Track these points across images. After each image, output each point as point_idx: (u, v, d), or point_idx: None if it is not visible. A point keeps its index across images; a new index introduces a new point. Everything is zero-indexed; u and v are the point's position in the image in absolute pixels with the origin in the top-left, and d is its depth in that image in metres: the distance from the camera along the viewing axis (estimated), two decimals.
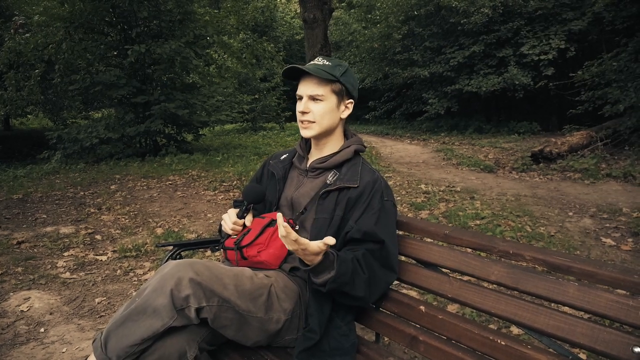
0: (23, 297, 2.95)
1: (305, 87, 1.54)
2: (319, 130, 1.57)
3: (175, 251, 1.98)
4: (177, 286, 1.26)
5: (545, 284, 1.21)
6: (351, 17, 19.98)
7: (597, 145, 7.87)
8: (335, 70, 1.53)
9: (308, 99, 1.54)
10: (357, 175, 1.55)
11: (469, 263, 1.40)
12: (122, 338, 1.24)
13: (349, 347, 1.47)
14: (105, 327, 1.30)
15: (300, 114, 1.56)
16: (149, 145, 10.22)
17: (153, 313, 1.24)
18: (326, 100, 1.54)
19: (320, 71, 1.50)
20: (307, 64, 1.55)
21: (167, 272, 1.29)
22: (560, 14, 12.25)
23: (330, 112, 1.56)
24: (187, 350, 1.30)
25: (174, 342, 1.28)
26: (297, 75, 1.58)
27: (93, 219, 4.98)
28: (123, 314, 1.27)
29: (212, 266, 1.36)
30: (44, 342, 2.44)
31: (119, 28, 9.98)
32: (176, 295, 1.25)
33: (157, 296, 1.26)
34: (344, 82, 1.55)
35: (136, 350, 1.24)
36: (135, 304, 1.27)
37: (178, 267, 1.30)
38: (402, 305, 1.52)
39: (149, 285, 1.29)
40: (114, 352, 1.24)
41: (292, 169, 1.72)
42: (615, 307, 1.09)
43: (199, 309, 1.28)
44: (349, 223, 1.49)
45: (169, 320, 1.25)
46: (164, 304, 1.25)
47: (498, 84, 12.46)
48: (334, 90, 1.54)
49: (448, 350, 1.37)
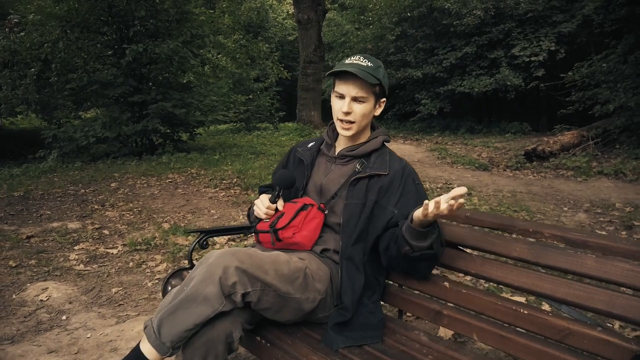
0: (40, 287, 3.01)
1: (349, 88, 1.59)
2: (357, 130, 1.66)
3: (202, 237, 2.07)
4: (224, 274, 1.35)
5: (565, 258, 1.33)
6: (344, 18, 20.14)
7: (588, 144, 8.07)
8: (378, 72, 1.61)
9: (351, 99, 1.61)
10: (386, 164, 1.66)
11: (491, 241, 1.51)
12: (175, 325, 1.33)
13: (377, 323, 1.57)
14: (155, 315, 1.38)
15: (342, 114, 1.62)
16: (145, 145, 10.24)
17: (204, 300, 1.33)
18: (367, 102, 1.63)
19: (368, 75, 1.56)
20: (351, 64, 1.59)
21: (213, 262, 1.38)
22: (551, 17, 12.50)
23: (369, 113, 1.66)
24: (232, 331, 1.39)
25: (221, 325, 1.37)
26: (337, 73, 1.62)
27: (98, 215, 5.03)
28: (173, 302, 1.36)
29: (252, 253, 1.45)
30: (67, 328, 2.51)
31: (115, 27, 10.00)
32: (224, 283, 1.34)
33: (206, 285, 1.34)
34: (383, 83, 1.63)
35: (188, 335, 1.34)
36: (184, 293, 1.36)
37: (223, 257, 1.38)
38: (426, 283, 1.63)
39: (196, 275, 1.38)
40: (167, 338, 1.33)
41: (319, 155, 1.81)
42: (630, 275, 1.21)
43: (245, 294, 1.37)
44: (388, 209, 1.60)
45: (219, 307, 1.34)
46: (213, 292, 1.34)
47: (490, 85, 12.67)
48: (375, 92, 1.64)
49: (472, 322, 1.48)
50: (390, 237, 1.56)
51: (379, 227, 1.60)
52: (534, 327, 1.34)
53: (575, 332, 1.26)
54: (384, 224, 1.60)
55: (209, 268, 1.35)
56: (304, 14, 14.34)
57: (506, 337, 1.39)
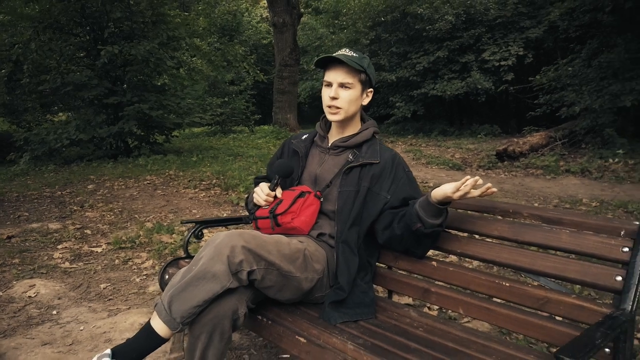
0: (27, 284, 3.01)
1: (336, 75, 1.72)
2: (344, 115, 1.77)
3: (198, 227, 2.15)
4: (232, 253, 1.43)
5: (542, 234, 1.47)
6: (318, 22, 20.31)
7: (556, 145, 8.41)
8: (363, 61, 1.72)
9: (338, 85, 1.72)
10: (377, 153, 1.77)
11: (474, 222, 1.64)
12: (185, 301, 1.41)
13: (369, 301, 1.68)
14: (164, 294, 1.46)
15: (329, 99, 1.73)
16: (120, 147, 10.14)
17: (212, 278, 1.41)
18: (354, 89, 1.73)
19: (352, 62, 1.68)
20: (338, 53, 1.72)
21: (221, 242, 1.46)
22: (518, 22, 12.94)
23: (356, 100, 1.76)
24: (238, 307, 1.47)
25: (228, 302, 1.45)
26: (325, 64, 1.76)
27: (78, 215, 5.00)
28: (183, 281, 1.44)
29: (256, 235, 1.54)
30: (59, 322, 2.54)
31: (89, 29, 9.89)
32: (232, 261, 1.43)
33: (214, 263, 1.43)
34: (369, 73, 1.75)
35: (197, 311, 1.42)
36: (193, 272, 1.44)
37: (230, 237, 1.47)
38: (415, 263, 1.75)
39: (204, 255, 1.46)
40: (178, 314, 1.41)
41: (313, 147, 1.92)
42: (600, 247, 1.35)
43: (250, 271, 1.46)
44: (381, 194, 1.71)
45: (227, 283, 1.42)
46: (221, 270, 1.42)
47: (461, 88, 13.01)
48: (361, 80, 1.74)
49: (458, 297, 1.60)
50: (393, 216, 1.67)
51: (373, 212, 1.71)
52: (515, 297, 1.47)
53: (552, 300, 1.39)
54: (378, 209, 1.71)
55: (217, 247, 1.44)
56: (279, 18, 14.43)
57: (490, 309, 1.52)
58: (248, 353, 2.21)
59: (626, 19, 8.72)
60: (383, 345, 1.39)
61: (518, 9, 12.93)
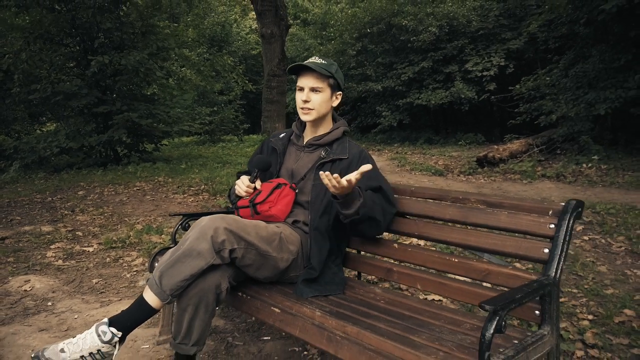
0: (23, 280, 3.17)
1: (307, 80, 1.94)
2: (316, 115, 1.99)
3: (185, 220, 2.34)
4: (215, 233, 1.63)
5: (485, 216, 1.69)
6: (306, 33, 20.64)
7: (534, 151, 8.70)
8: (331, 67, 1.95)
9: (309, 90, 1.95)
10: (346, 150, 1.99)
11: (429, 208, 1.86)
12: (173, 276, 1.60)
13: (338, 281, 1.89)
14: (155, 270, 1.65)
15: (302, 102, 1.96)
16: (109, 156, 10.28)
17: (197, 255, 1.61)
18: (323, 92, 1.96)
19: (321, 68, 1.91)
20: (308, 62, 1.95)
21: (205, 224, 1.66)
22: (500, 34, 13.34)
23: (325, 102, 1.98)
24: (221, 282, 1.67)
25: (212, 278, 1.65)
26: (297, 71, 1.98)
27: (69, 219, 5.14)
28: (171, 258, 1.63)
29: (237, 219, 1.74)
30: (54, 312, 2.70)
31: (79, 39, 10.06)
32: (215, 240, 1.63)
33: (199, 242, 1.62)
34: (337, 77, 1.98)
35: (184, 285, 1.61)
36: (181, 250, 1.63)
37: (214, 220, 1.67)
38: (379, 246, 1.96)
39: (190, 236, 1.66)
40: (167, 287, 1.60)
41: (290, 145, 2.13)
42: (532, 225, 1.57)
43: (232, 250, 1.66)
44: None
45: (211, 260, 1.62)
46: (206, 248, 1.62)
47: (446, 98, 13.34)
48: (330, 84, 1.97)
49: (415, 274, 1.82)
50: None
51: None
52: (462, 271, 1.68)
53: (493, 272, 1.61)
54: None
55: (202, 229, 1.63)
56: (267, 29, 14.70)
57: (443, 283, 1.73)
58: (232, 336, 2.40)
59: (600, 31, 9.10)
60: (347, 312, 1.59)
61: (499, 21, 13.35)
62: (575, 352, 2.15)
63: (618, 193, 5.92)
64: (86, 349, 1.54)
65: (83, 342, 1.55)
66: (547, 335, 1.43)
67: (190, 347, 1.68)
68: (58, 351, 1.52)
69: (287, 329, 1.58)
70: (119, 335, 1.59)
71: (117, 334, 1.58)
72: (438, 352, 1.29)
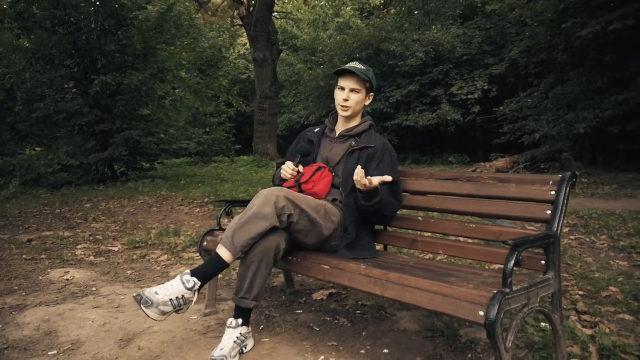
0: (62, 271, 3.42)
1: (348, 82, 2.30)
2: (352, 112, 2.35)
3: (228, 206, 2.66)
4: (277, 200, 1.97)
5: (497, 188, 2.04)
6: (296, 58, 21.25)
7: (519, 167, 9.20)
8: (368, 73, 2.31)
9: (349, 90, 2.31)
10: (373, 140, 2.35)
11: (447, 186, 2.21)
12: (243, 234, 1.92)
13: (372, 249, 2.23)
14: (227, 231, 1.97)
15: (342, 100, 2.31)
16: (107, 173, 10.49)
17: (263, 217, 1.94)
18: (360, 93, 2.32)
19: (361, 73, 2.27)
20: (350, 66, 2.29)
21: (268, 193, 1.99)
22: (483, 60, 14.05)
23: (361, 101, 2.35)
24: (279, 243, 2.00)
25: (272, 239, 1.98)
26: (340, 73, 2.33)
27: (84, 226, 5.37)
28: (240, 221, 1.96)
29: (291, 191, 2.08)
30: (100, 294, 2.96)
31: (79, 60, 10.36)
32: (277, 205, 1.96)
33: (264, 207, 1.95)
34: (372, 82, 2.34)
35: (252, 242, 1.93)
36: (248, 214, 1.96)
37: (274, 190, 2.01)
38: (404, 219, 2.30)
39: (256, 203, 1.98)
40: (238, 243, 1.92)
41: (323, 137, 2.48)
42: (536, 192, 1.93)
43: (290, 215, 1.99)
44: (369, 170, 2.25)
45: (274, 221, 1.95)
46: (270, 211, 1.95)
47: (432, 120, 13.91)
48: (366, 87, 2.34)
49: (437, 241, 2.16)
50: None
51: None
52: (479, 234, 2.03)
53: (505, 232, 1.95)
54: None
55: (266, 196, 1.97)
56: (259, 53, 15.23)
57: (461, 246, 2.08)
58: (268, 310, 2.69)
59: (577, 56, 9.75)
60: (386, 266, 1.92)
61: (482, 47, 14.08)
62: (570, 316, 2.49)
63: (598, 202, 6.37)
64: (174, 293, 1.84)
65: (171, 287, 1.85)
66: (551, 279, 1.77)
67: (250, 301, 1.99)
68: (153, 293, 1.82)
69: (337, 280, 1.90)
70: (199, 284, 1.89)
71: (197, 282, 1.89)
72: (468, 285, 1.62)
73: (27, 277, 3.33)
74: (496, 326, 1.42)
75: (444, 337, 2.22)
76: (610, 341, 2.06)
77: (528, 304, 1.60)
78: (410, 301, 1.65)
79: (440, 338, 2.22)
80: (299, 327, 2.42)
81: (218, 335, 2.28)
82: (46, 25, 9.75)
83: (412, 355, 2.07)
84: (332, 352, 2.11)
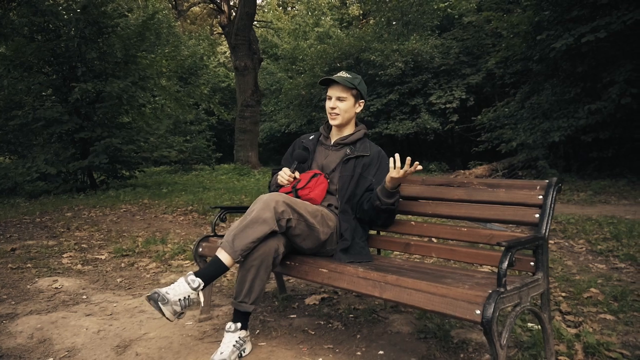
0: (50, 280, 3.38)
1: (334, 91, 2.38)
2: (341, 120, 2.42)
3: (223, 212, 2.69)
4: (276, 205, 2.02)
5: (487, 194, 2.13)
6: (277, 67, 21.35)
7: (497, 175, 9.42)
8: (354, 81, 2.38)
9: (336, 99, 2.38)
10: (368, 148, 2.42)
11: (439, 192, 2.29)
12: (244, 238, 1.97)
13: (366, 253, 2.29)
14: (227, 235, 2.01)
15: (330, 109, 2.39)
16: (86, 182, 10.35)
17: (263, 222, 1.99)
18: (347, 100, 2.39)
19: (345, 81, 2.34)
20: (335, 76, 2.38)
21: (268, 198, 2.04)
22: (460, 70, 14.38)
23: (349, 109, 2.41)
24: (278, 247, 2.04)
25: (271, 243, 2.02)
26: (327, 83, 2.41)
27: (68, 235, 5.30)
28: (241, 225, 2.00)
29: (290, 197, 2.13)
30: (92, 302, 2.95)
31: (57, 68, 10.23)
32: (277, 210, 2.01)
33: (264, 212, 2.00)
34: (359, 89, 2.41)
35: (252, 246, 1.98)
36: (248, 218, 2.00)
37: (274, 195, 2.06)
38: (398, 224, 2.37)
39: (255, 208, 2.03)
40: (239, 247, 1.96)
41: (318, 145, 2.54)
42: (525, 197, 2.02)
43: (288, 219, 2.04)
44: (368, 178, 2.34)
45: (273, 226, 2.00)
46: (269, 216, 1.99)
47: (412, 128, 14.15)
48: (353, 94, 2.40)
49: (430, 245, 2.23)
50: (363, 196, 2.31)
51: (361, 190, 2.34)
52: (471, 238, 2.11)
53: (496, 235, 2.04)
54: (364, 189, 2.34)
55: (266, 201, 2.01)
56: (241, 62, 15.26)
57: (454, 249, 2.16)
58: (262, 315, 2.72)
59: (551, 68, 10.07)
60: (383, 269, 1.98)
61: (459, 58, 14.41)
62: (555, 317, 2.59)
63: (575, 208, 6.58)
64: (181, 293, 1.87)
65: (178, 288, 1.89)
66: (540, 279, 1.86)
67: (249, 305, 2.03)
68: (165, 292, 1.85)
69: (336, 283, 1.96)
70: (203, 284, 1.93)
71: (202, 283, 1.92)
72: (464, 286, 1.69)
73: (14, 286, 3.29)
74: (492, 324, 1.49)
75: (437, 338, 2.29)
76: (594, 339, 2.16)
77: (520, 303, 1.68)
78: (408, 302, 1.72)
79: (433, 339, 2.29)
80: (295, 331, 2.46)
81: (215, 341, 2.31)
82: (24, 32, 9.63)
83: (407, 356, 2.14)
84: (329, 355, 2.16)
